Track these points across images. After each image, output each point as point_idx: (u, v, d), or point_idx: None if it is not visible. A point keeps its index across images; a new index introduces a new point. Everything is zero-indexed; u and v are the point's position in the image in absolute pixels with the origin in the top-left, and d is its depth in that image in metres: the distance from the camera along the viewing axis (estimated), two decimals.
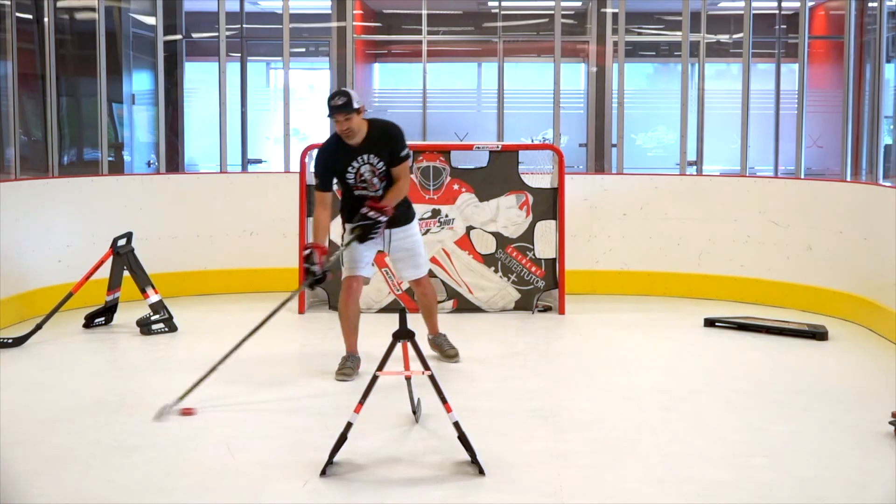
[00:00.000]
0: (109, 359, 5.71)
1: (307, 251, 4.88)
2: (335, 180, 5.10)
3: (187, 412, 4.40)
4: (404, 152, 5.06)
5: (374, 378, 3.72)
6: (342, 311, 5.24)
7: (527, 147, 7.72)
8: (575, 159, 10.00)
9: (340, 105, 4.87)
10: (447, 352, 5.48)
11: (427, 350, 5.42)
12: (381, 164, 5.01)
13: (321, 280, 4.91)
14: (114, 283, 6.28)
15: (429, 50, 9.52)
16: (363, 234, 4.94)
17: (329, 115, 4.93)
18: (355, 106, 4.90)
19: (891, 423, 4.16)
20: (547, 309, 6.95)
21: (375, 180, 5.02)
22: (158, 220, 7.32)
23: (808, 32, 8.22)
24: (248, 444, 4.02)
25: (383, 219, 4.93)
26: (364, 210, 4.92)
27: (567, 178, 7.02)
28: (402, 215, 5.18)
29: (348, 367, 5.12)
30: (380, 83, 11.42)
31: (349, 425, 3.67)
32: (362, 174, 5.01)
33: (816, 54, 10.54)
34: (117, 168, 9.79)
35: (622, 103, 8.11)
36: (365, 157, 5.00)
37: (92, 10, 8.37)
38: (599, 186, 7.61)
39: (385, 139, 5.03)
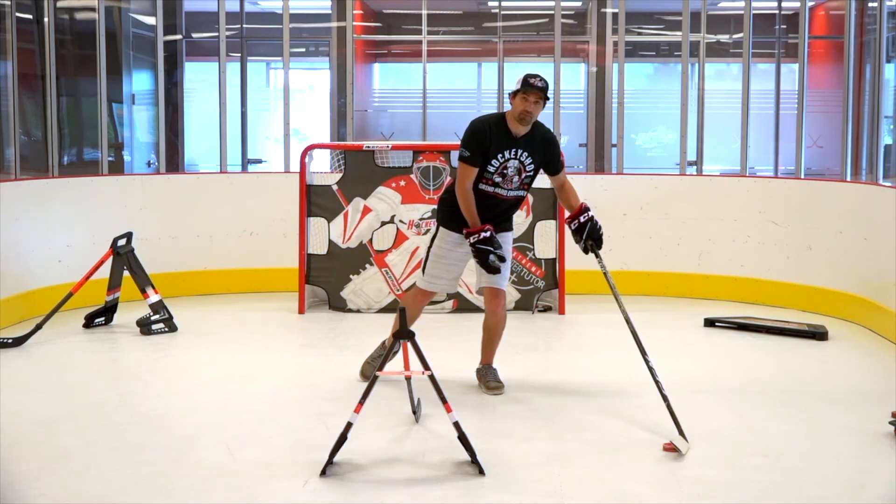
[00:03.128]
0: (109, 359, 5.71)
1: (487, 233, 4.54)
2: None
3: (669, 448, 3.97)
4: (562, 157, 4.84)
5: (374, 378, 3.72)
6: (407, 306, 4.74)
7: None
8: (575, 159, 10.00)
9: (542, 87, 4.56)
10: (490, 383, 4.86)
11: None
12: (532, 166, 4.69)
13: (495, 267, 4.57)
14: (114, 283, 6.28)
15: (429, 50, 9.52)
16: (593, 237, 4.75)
17: (521, 89, 4.55)
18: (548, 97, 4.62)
19: (891, 423, 4.16)
20: (547, 309, 6.96)
21: (516, 178, 4.66)
22: (158, 220, 7.32)
23: (808, 32, 8.22)
24: (248, 444, 4.02)
25: (589, 213, 4.74)
26: (574, 225, 4.74)
27: (567, 178, 7.00)
28: (507, 224, 4.85)
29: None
30: (380, 83, 11.42)
31: (349, 425, 3.67)
32: (507, 167, 4.64)
33: (816, 54, 10.54)
34: (117, 168, 9.79)
35: (622, 103, 8.11)
36: (519, 151, 4.65)
37: (92, 10, 8.37)
38: (599, 186, 7.61)
39: (548, 143, 4.73)
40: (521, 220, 6.93)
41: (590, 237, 4.73)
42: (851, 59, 8.48)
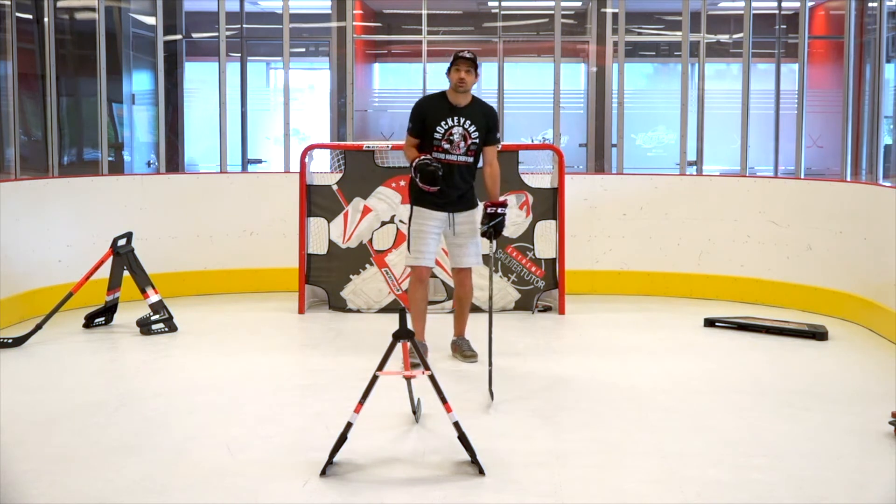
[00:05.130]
0: (109, 359, 5.71)
1: (425, 157, 5.16)
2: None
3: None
4: (499, 135, 5.46)
5: (374, 378, 3.72)
6: (411, 297, 5.47)
7: (527, 147, 7.72)
8: (575, 159, 10.00)
9: (470, 58, 5.23)
10: (465, 352, 5.47)
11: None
12: (476, 134, 5.31)
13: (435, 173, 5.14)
14: (114, 283, 6.28)
15: (429, 50, 9.52)
16: (496, 230, 5.19)
17: (452, 64, 5.23)
18: (478, 71, 5.27)
19: (891, 423, 4.16)
20: (547, 309, 6.96)
21: (462, 144, 5.29)
22: (158, 220, 7.32)
23: (808, 32, 8.22)
24: (248, 444, 4.02)
25: (504, 210, 5.21)
26: (490, 210, 5.17)
27: (567, 178, 7.02)
28: (468, 199, 5.40)
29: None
30: (380, 83, 11.42)
31: (349, 425, 3.67)
32: (452, 133, 5.27)
33: (816, 54, 10.54)
34: (117, 168, 9.79)
35: (622, 103, 8.11)
36: (461, 119, 5.29)
37: (92, 10, 8.37)
38: (599, 186, 7.61)
39: (487, 115, 5.37)
40: (521, 220, 6.94)
41: (495, 227, 5.20)
42: (851, 59, 8.48)
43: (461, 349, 5.51)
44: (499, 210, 5.23)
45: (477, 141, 5.32)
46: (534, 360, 5.56)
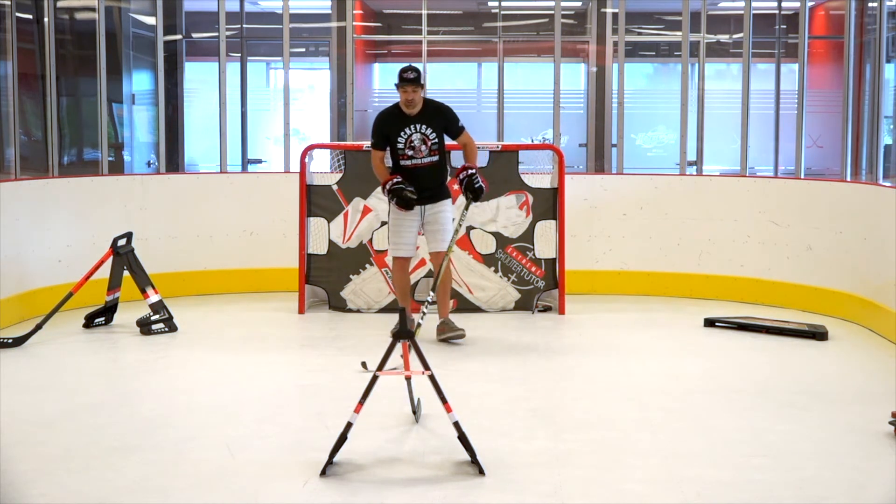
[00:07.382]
0: (109, 359, 5.71)
1: (397, 181, 5.72)
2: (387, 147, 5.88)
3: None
4: (460, 123, 5.90)
5: (374, 378, 3.72)
6: (394, 282, 6.10)
7: (527, 147, 7.72)
8: (575, 159, 10.00)
9: (413, 78, 5.69)
10: (455, 330, 5.84)
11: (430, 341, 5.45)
12: (434, 134, 5.80)
13: (410, 198, 5.72)
14: (114, 283, 6.28)
15: (429, 50, 9.52)
16: (472, 190, 5.74)
17: (398, 84, 5.71)
18: (422, 82, 5.77)
19: (891, 423, 4.16)
20: (547, 309, 6.96)
21: (424, 147, 5.79)
22: (158, 220, 7.32)
23: (808, 32, 8.22)
24: (248, 444, 4.02)
25: (473, 170, 5.78)
26: (462, 176, 5.76)
27: (567, 178, 7.02)
28: (438, 192, 5.90)
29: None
30: (380, 83, 11.41)
31: (349, 425, 3.67)
32: (412, 140, 5.78)
33: (816, 54, 10.54)
34: (117, 168, 9.79)
35: (622, 103, 8.11)
36: (417, 126, 5.79)
37: (92, 10, 8.37)
38: (599, 186, 7.61)
39: (438, 113, 5.86)
40: (521, 219, 6.94)
41: (468, 189, 5.75)
42: (851, 59, 8.47)
43: (449, 329, 5.86)
44: (468, 171, 5.75)
45: (436, 140, 5.82)
46: (534, 360, 5.57)
